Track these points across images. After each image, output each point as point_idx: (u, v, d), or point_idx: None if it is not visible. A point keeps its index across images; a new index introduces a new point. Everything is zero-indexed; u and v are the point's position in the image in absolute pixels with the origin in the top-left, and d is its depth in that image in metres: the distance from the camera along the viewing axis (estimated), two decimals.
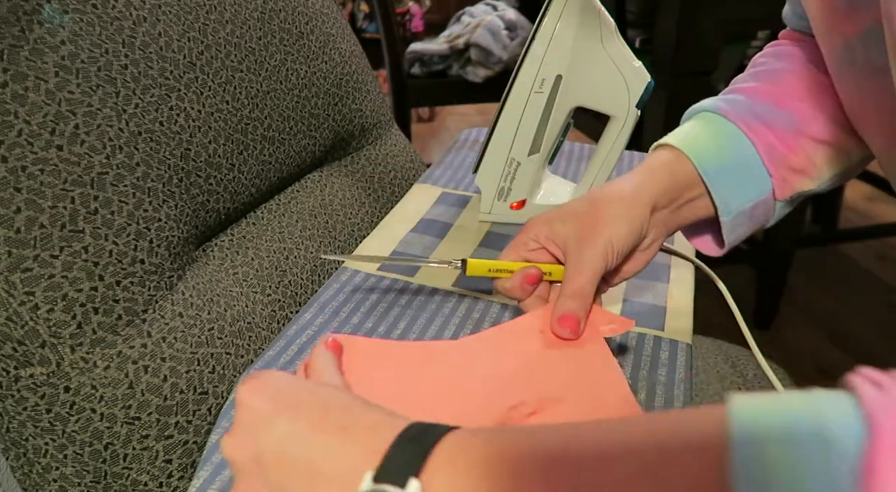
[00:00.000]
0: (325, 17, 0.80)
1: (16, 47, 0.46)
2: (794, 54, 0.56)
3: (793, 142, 0.51)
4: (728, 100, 0.53)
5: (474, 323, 0.57)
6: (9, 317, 0.44)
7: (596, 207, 0.48)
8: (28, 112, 0.45)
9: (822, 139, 0.51)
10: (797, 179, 0.51)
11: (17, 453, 0.47)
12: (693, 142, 0.50)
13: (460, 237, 0.70)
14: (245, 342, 0.57)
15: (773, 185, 0.50)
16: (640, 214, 0.48)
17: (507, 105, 0.65)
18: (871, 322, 1.76)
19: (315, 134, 0.78)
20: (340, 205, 0.80)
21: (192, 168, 0.59)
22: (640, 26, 1.70)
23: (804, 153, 0.51)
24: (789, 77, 0.54)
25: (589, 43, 0.62)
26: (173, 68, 0.58)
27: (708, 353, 0.84)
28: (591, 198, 0.49)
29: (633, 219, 0.48)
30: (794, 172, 0.51)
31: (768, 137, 0.50)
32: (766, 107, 0.52)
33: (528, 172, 0.69)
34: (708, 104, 0.53)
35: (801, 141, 0.51)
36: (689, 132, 0.52)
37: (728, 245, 0.52)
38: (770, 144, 0.50)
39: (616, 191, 0.49)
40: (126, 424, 0.47)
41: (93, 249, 0.47)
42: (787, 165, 0.51)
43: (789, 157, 0.51)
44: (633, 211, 0.48)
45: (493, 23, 1.91)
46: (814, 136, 0.51)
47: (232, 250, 0.65)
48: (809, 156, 0.51)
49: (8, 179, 0.44)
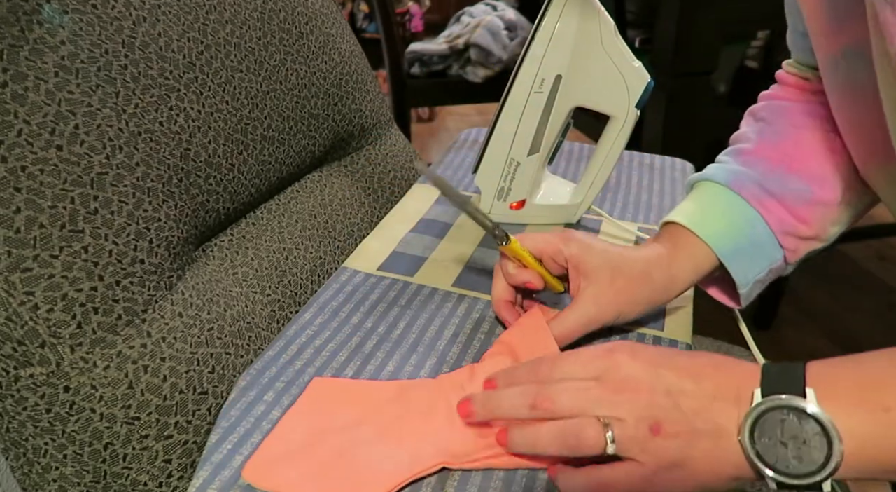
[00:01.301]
0: (324, 17, 0.80)
1: (15, 47, 0.46)
2: (793, 109, 0.58)
3: (805, 212, 0.53)
4: (736, 173, 0.54)
5: (474, 323, 0.57)
6: (8, 317, 0.44)
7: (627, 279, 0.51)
8: (28, 112, 0.45)
9: (833, 200, 0.54)
10: (807, 245, 0.54)
11: (17, 453, 0.47)
12: (709, 225, 0.53)
13: (460, 237, 0.70)
14: (245, 342, 0.57)
15: (786, 254, 0.54)
16: (661, 300, 0.53)
17: (506, 105, 0.65)
18: (871, 322, 1.75)
19: (315, 134, 0.78)
20: (340, 205, 0.80)
21: (192, 168, 0.59)
22: (640, 26, 1.70)
23: (815, 222, 0.53)
24: (795, 136, 0.56)
25: (589, 43, 0.61)
26: (173, 68, 0.58)
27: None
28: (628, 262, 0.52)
29: (651, 303, 0.53)
30: (805, 240, 0.54)
31: (780, 213, 0.53)
32: (776, 177, 0.53)
33: (527, 172, 0.69)
34: (719, 175, 0.55)
35: (812, 210, 0.53)
36: (703, 212, 0.54)
37: (745, 304, 0.57)
38: (781, 219, 0.53)
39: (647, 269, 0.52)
40: (126, 424, 0.47)
41: (93, 249, 0.47)
42: (797, 235, 0.53)
43: (800, 228, 0.53)
44: (654, 298, 0.53)
45: (492, 23, 1.91)
46: (825, 200, 0.53)
47: (232, 250, 0.65)
48: (820, 222, 0.54)
49: (8, 179, 0.44)
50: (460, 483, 0.42)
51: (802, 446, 0.34)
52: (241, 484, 0.42)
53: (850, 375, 0.36)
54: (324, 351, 0.53)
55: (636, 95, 0.63)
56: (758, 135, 0.58)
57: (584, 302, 0.51)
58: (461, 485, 0.42)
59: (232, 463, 0.43)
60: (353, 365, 0.52)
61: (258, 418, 0.47)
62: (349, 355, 0.53)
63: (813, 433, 0.34)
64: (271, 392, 0.49)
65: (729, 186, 0.54)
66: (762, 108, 0.60)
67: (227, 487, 0.42)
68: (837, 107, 0.51)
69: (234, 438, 0.45)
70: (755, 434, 0.35)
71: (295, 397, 0.48)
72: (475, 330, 0.56)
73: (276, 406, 0.48)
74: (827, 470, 0.33)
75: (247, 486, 0.42)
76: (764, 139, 0.57)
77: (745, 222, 0.53)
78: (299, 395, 0.48)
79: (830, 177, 0.53)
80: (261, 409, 0.47)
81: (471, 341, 0.55)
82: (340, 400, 0.48)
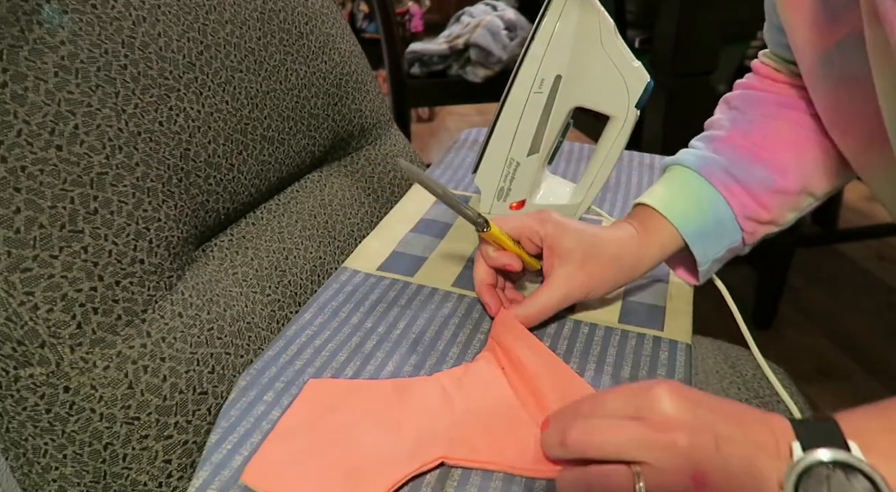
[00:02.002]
0: (324, 17, 0.80)
1: (15, 47, 0.46)
2: (766, 99, 0.61)
3: (766, 199, 0.57)
4: (706, 158, 0.58)
5: (474, 323, 0.57)
6: (8, 317, 0.44)
7: (598, 261, 0.55)
8: (27, 112, 0.45)
9: (793, 190, 0.58)
10: (765, 228, 0.59)
11: (17, 454, 0.47)
12: (677, 207, 0.57)
13: (460, 237, 0.70)
14: (245, 342, 0.57)
15: (744, 236, 0.58)
16: (629, 279, 0.57)
17: (506, 105, 0.65)
18: (871, 322, 1.75)
19: (314, 134, 0.78)
20: (340, 205, 0.80)
21: (192, 168, 0.59)
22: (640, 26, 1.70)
23: (775, 208, 0.58)
24: (765, 126, 0.60)
25: (588, 43, 0.61)
26: (173, 68, 0.58)
27: (708, 353, 0.84)
28: (600, 244, 0.55)
29: (619, 283, 0.57)
30: (763, 224, 0.58)
31: (743, 198, 0.57)
32: (743, 165, 0.58)
33: (527, 173, 0.69)
34: (690, 161, 0.59)
35: (773, 198, 0.57)
36: (673, 196, 0.58)
37: (702, 281, 0.61)
38: (744, 204, 0.57)
39: (619, 251, 0.56)
40: (125, 424, 0.47)
41: (92, 250, 0.47)
42: (757, 219, 0.58)
43: (760, 213, 0.57)
44: (622, 278, 0.56)
45: (492, 23, 1.91)
46: (786, 189, 0.58)
47: (231, 250, 0.65)
48: (779, 209, 0.58)
49: (7, 179, 0.44)
50: (460, 483, 0.42)
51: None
52: (241, 484, 0.42)
53: (880, 423, 0.34)
54: (324, 351, 0.53)
55: (636, 95, 0.63)
56: (731, 123, 0.61)
57: (555, 282, 0.54)
58: (461, 485, 0.42)
59: (232, 463, 0.43)
60: (353, 365, 0.52)
61: (258, 418, 0.47)
62: (349, 355, 0.53)
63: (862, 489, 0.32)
64: (271, 392, 0.49)
65: (699, 171, 0.58)
66: (736, 97, 0.64)
67: (226, 487, 0.42)
68: (831, 102, 0.53)
69: (233, 438, 0.45)
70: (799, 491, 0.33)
71: (295, 397, 0.48)
72: (475, 330, 0.56)
73: (276, 406, 0.48)
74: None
75: (246, 486, 0.42)
76: (736, 127, 0.60)
77: (710, 206, 0.57)
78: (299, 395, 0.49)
79: (793, 167, 0.57)
80: (261, 409, 0.47)
81: (471, 341, 0.55)
82: (336, 400, 0.48)
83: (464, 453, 0.43)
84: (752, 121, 0.60)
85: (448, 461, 0.43)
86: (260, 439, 0.45)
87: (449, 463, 0.43)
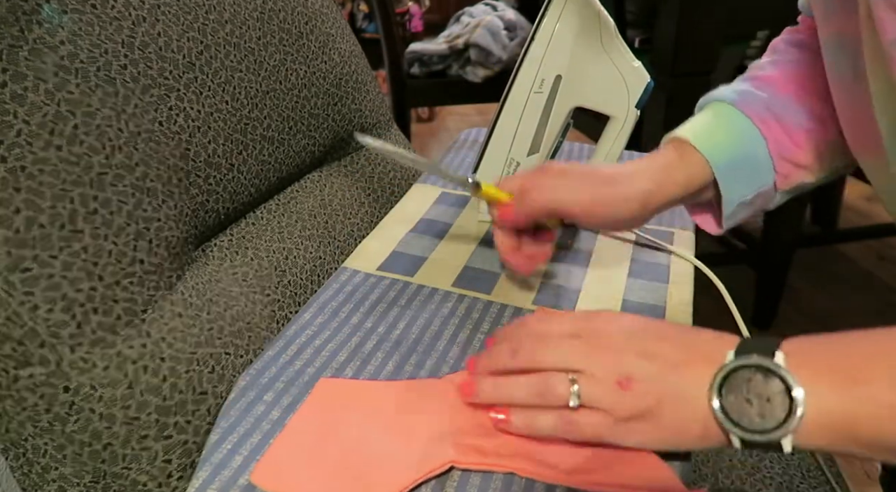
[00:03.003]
0: (324, 16, 0.80)
1: (15, 47, 0.46)
2: (812, 46, 0.57)
3: (803, 140, 0.54)
4: (744, 92, 0.55)
5: (474, 323, 0.57)
6: (8, 317, 0.44)
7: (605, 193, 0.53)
8: (27, 112, 0.45)
9: (831, 138, 0.54)
10: (799, 174, 0.55)
11: (17, 454, 0.47)
12: (709, 138, 0.54)
13: (460, 237, 0.70)
14: (244, 342, 0.57)
15: (776, 178, 0.54)
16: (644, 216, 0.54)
17: (506, 105, 0.65)
18: (871, 322, 1.75)
19: (314, 134, 0.78)
20: (340, 205, 0.80)
21: (192, 168, 0.59)
22: (640, 26, 1.70)
23: (812, 150, 0.54)
24: (808, 71, 0.56)
25: (588, 43, 0.61)
26: (173, 68, 0.58)
27: None
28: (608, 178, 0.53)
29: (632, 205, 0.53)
30: (798, 168, 0.54)
31: (779, 134, 0.53)
32: (782, 102, 0.54)
33: None
34: (726, 95, 0.56)
35: (811, 138, 0.54)
36: (706, 127, 0.55)
37: (725, 228, 0.57)
38: (780, 140, 0.53)
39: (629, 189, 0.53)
40: (125, 424, 0.47)
41: (92, 250, 0.47)
42: (792, 160, 0.54)
43: (797, 153, 0.54)
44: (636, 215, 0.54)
45: (492, 23, 1.91)
46: (824, 135, 0.54)
47: (231, 250, 0.65)
48: (816, 153, 0.54)
49: (7, 180, 0.44)
50: (460, 484, 0.42)
51: (766, 403, 0.35)
52: (241, 484, 0.42)
53: (826, 348, 0.37)
54: (323, 351, 0.53)
55: (636, 95, 0.63)
56: (773, 65, 0.59)
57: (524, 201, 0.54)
58: (461, 485, 0.42)
59: (232, 463, 0.43)
60: (353, 365, 0.52)
61: (258, 418, 0.47)
62: (349, 355, 0.53)
63: (776, 391, 0.35)
64: (271, 392, 0.49)
65: (735, 105, 0.55)
66: (782, 39, 0.62)
67: (226, 487, 0.42)
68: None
69: (233, 438, 0.45)
70: (723, 391, 0.36)
71: (295, 397, 0.48)
72: (475, 330, 0.56)
73: (276, 406, 0.48)
74: (788, 426, 0.34)
75: (247, 486, 0.42)
76: (777, 67, 0.58)
77: (746, 139, 0.54)
78: (299, 395, 0.48)
79: (832, 115, 0.54)
80: (260, 409, 0.47)
81: (471, 341, 0.55)
82: (347, 401, 0.48)
83: (473, 458, 0.43)
84: (799, 63, 0.57)
85: (458, 466, 0.43)
86: (260, 439, 0.45)
87: (458, 467, 0.43)
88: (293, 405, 0.48)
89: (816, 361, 0.35)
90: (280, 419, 0.46)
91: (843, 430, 0.34)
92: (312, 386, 0.49)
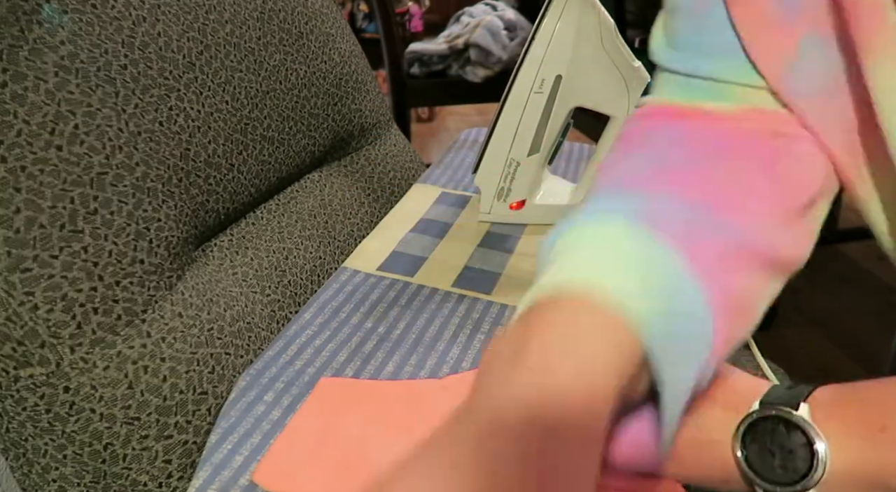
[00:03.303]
0: (324, 16, 0.80)
1: (15, 47, 0.46)
2: (685, 136, 0.41)
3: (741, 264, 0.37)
4: (653, 215, 0.34)
5: (474, 323, 0.57)
6: (8, 317, 0.44)
7: None
8: (27, 112, 0.45)
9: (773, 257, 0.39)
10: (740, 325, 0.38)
11: (17, 454, 0.47)
12: (635, 297, 0.31)
13: (460, 237, 0.70)
14: (245, 342, 0.57)
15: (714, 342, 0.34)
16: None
17: (506, 105, 0.65)
18: (871, 322, 1.75)
19: (314, 134, 0.78)
20: (340, 205, 0.80)
21: (192, 168, 0.59)
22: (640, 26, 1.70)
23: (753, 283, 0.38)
24: (703, 172, 0.39)
25: (589, 43, 0.62)
26: (173, 68, 0.58)
27: None
28: None
29: None
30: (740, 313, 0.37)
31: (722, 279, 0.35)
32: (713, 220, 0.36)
33: (527, 173, 0.69)
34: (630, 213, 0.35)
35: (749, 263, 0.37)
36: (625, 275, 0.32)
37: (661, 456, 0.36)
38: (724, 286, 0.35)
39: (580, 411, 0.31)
40: (125, 424, 0.47)
41: (92, 250, 0.47)
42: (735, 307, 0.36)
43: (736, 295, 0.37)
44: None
45: (492, 23, 1.91)
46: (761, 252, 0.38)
47: (231, 250, 0.65)
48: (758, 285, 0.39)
49: (7, 179, 0.44)
50: None
51: (788, 455, 0.35)
52: (242, 484, 0.42)
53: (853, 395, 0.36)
54: (324, 351, 0.53)
55: (636, 95, 0.63)
56: (659, 170, 0.39)
57: None
58: None
59: (232, 463, 0.43)
60: (353, 365, 0.52)
61: (258, 418, 0.47)
62: (349, 355, 0.53)
63: (799, 444, 0.35)
64: (271, 392, 0.49)
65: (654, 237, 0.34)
66: (637, 130, 0.45)
67: (227, 487, 0.42)
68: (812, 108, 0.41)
69: (233, 438, 0.45)
70: (746, 440, 0.36)
71: (295, 398, 0.48)
72: (475, 330, 0.56)
73: (276, 406, 0.48)
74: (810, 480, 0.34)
75: (247, 486, 0.42)
76: (668, 171, 0.39)
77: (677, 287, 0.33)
78: (299, 395, 0.48)
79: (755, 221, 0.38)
80: (261, 409, 0.47)
81: (471, 342, 0.55)
82: (349, 401, 0.48)
83: None
84: (688, 163, 0.39)
85: None
86: (260, 439, 0.45)
87: None
88: (293, 405, 0.48)
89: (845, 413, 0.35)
90: (280, 419, 0.46)
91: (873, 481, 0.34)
92: (313, 386, 0.49)
